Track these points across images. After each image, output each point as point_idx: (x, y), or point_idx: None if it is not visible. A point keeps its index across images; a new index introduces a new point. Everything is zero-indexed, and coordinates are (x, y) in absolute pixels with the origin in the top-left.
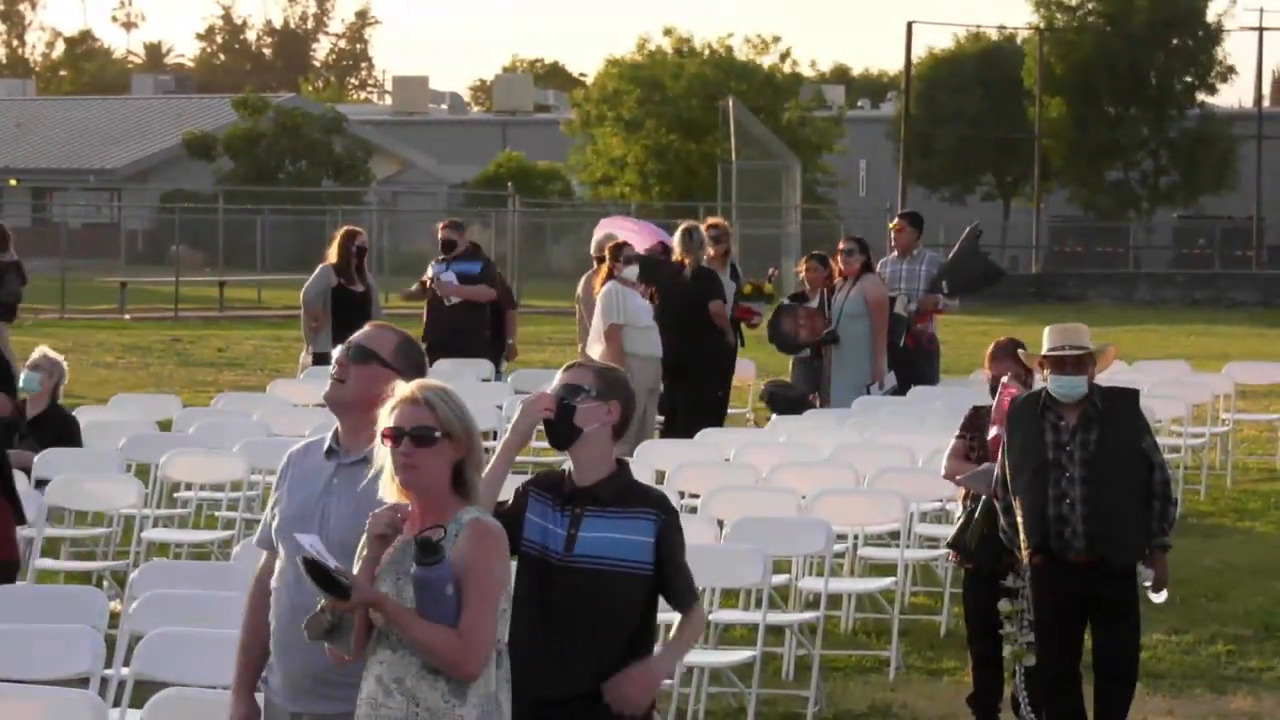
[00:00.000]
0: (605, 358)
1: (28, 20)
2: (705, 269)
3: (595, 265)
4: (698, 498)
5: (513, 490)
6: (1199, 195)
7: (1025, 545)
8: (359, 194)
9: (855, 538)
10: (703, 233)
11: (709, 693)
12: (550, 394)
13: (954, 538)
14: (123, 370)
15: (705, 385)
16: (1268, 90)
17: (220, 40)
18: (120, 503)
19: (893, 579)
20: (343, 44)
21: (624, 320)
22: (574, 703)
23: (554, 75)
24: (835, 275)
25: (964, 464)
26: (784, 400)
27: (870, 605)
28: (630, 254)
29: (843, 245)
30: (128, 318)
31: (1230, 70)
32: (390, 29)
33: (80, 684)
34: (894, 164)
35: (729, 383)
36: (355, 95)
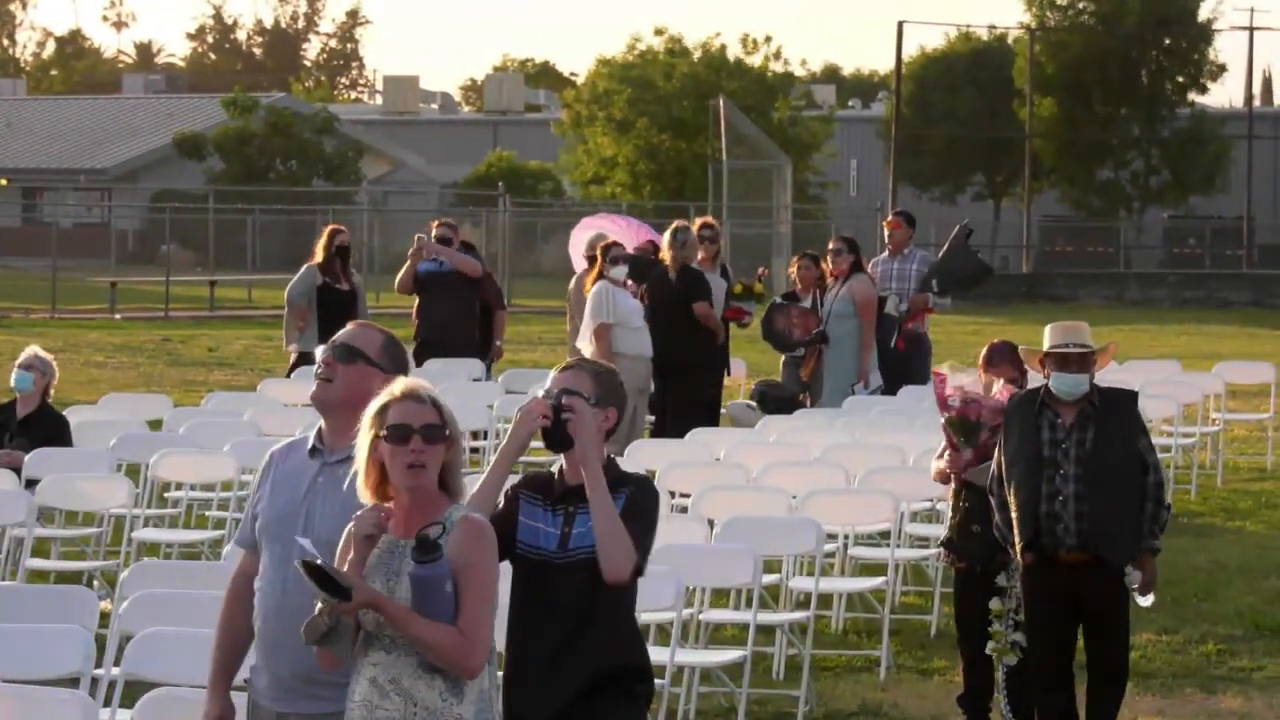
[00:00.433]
0: (594, 357)
1: (18, 20)
2: (689, 269)
3: (587, 265)
4: (688, 497)
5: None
6: (1189, 195)
7: (1018, 541)
8: (350, 194)
9: (846, 537)
10: (692, 233)
11: (699, 692)
12: (546, 401)
13: (946, 537)
14: (113, 370)
15: (695, 385)
16: (1258, 90)
17: (211, 40)
18: (111, 502)
19: (883, 579)
20: (333, 44)
21: (614, 320)
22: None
23: (545, 75)
24: (827, 275)
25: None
26: (774, 400)
27: (861, 605)
28: (619, 254)
29: (832, 245)
30: (118, 317)
31: (1221, 70)
32: (381, 29)
33: (71, 684)
34: (885, 163)
35: (721, 382)
36: (346, 95)
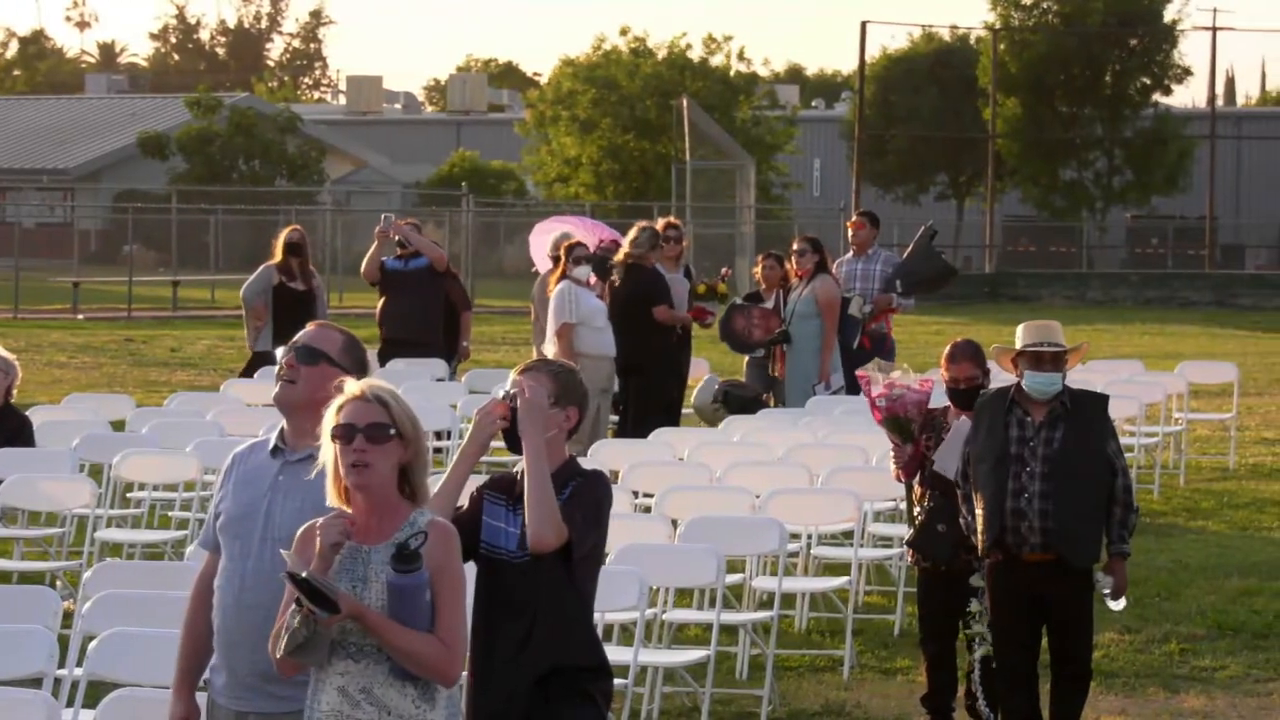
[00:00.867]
0: (557, 357)
1: None
2: (643, 267)
3: (551, 265)
4: (651, 497)
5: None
6: (1152, 195)
7: (982, 539)
8: (313, 194)
9: (809, 537)
10: (656, 232)
11: (663, 692)
12: (505, 402)
13: (911, 537)
14: (76, 370)
15: (657, 385)
16: (1221, 90)
17: (174, 40)
18: (73, 502)
19: (846, 578)
20: (297, 43)
21: (576, 320)
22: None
23: (508, 75)
24: (791, 275)
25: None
26: (738, 400)
27: (824, 604)
28: (583, 253)
29: (796, 245)
30: (81, 318)
31: (1186, 71)
32: (344, 29)
33: (33, 684)
34: (848, 164)
35: (683, 381)
36: (309, 95)
